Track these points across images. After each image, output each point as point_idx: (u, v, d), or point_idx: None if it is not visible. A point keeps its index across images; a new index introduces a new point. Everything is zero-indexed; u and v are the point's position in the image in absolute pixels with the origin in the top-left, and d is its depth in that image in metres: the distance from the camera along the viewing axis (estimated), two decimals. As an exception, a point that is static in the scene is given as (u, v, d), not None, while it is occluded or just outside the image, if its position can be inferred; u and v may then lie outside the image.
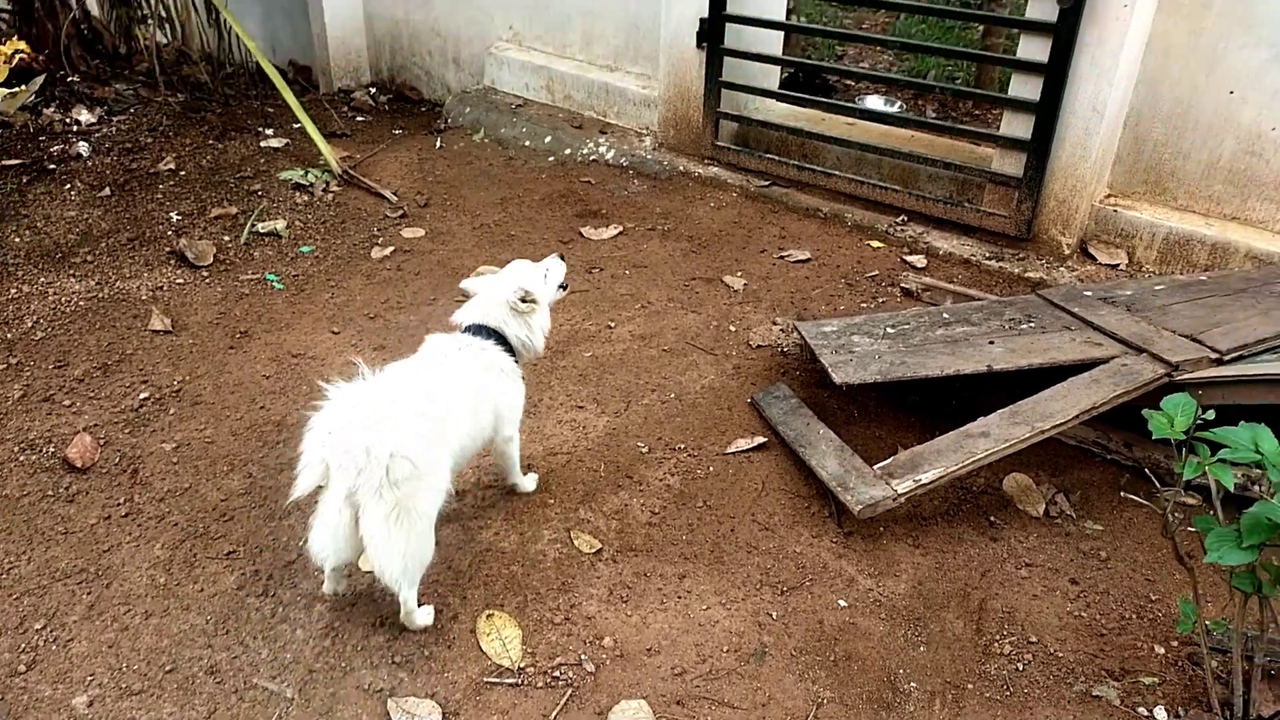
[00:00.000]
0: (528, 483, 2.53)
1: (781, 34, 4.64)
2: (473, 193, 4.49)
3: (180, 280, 3.63)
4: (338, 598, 2.23)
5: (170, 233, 3.95)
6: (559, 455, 2.69)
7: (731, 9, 4.17)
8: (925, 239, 3.84)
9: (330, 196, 4.40)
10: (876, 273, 3.67)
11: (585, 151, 4.84)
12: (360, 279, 3.69)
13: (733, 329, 3.35)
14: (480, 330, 2.28)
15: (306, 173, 4.54)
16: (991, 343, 2.70)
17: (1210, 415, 1.56)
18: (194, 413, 2.91)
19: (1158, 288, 3.01)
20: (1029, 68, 3.44)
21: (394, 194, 4.40)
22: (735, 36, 4.25)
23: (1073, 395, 2.40)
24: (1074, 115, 3.41)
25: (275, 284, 3.63)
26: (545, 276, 2.42)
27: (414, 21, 6.00)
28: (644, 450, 2.71)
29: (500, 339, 2.29)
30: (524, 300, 2.29)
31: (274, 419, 2.88)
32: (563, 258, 2.51)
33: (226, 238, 3.94)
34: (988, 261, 3.67)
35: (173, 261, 3.74)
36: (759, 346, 3.25)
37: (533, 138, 5.04)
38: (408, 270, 3.76)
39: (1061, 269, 3.59)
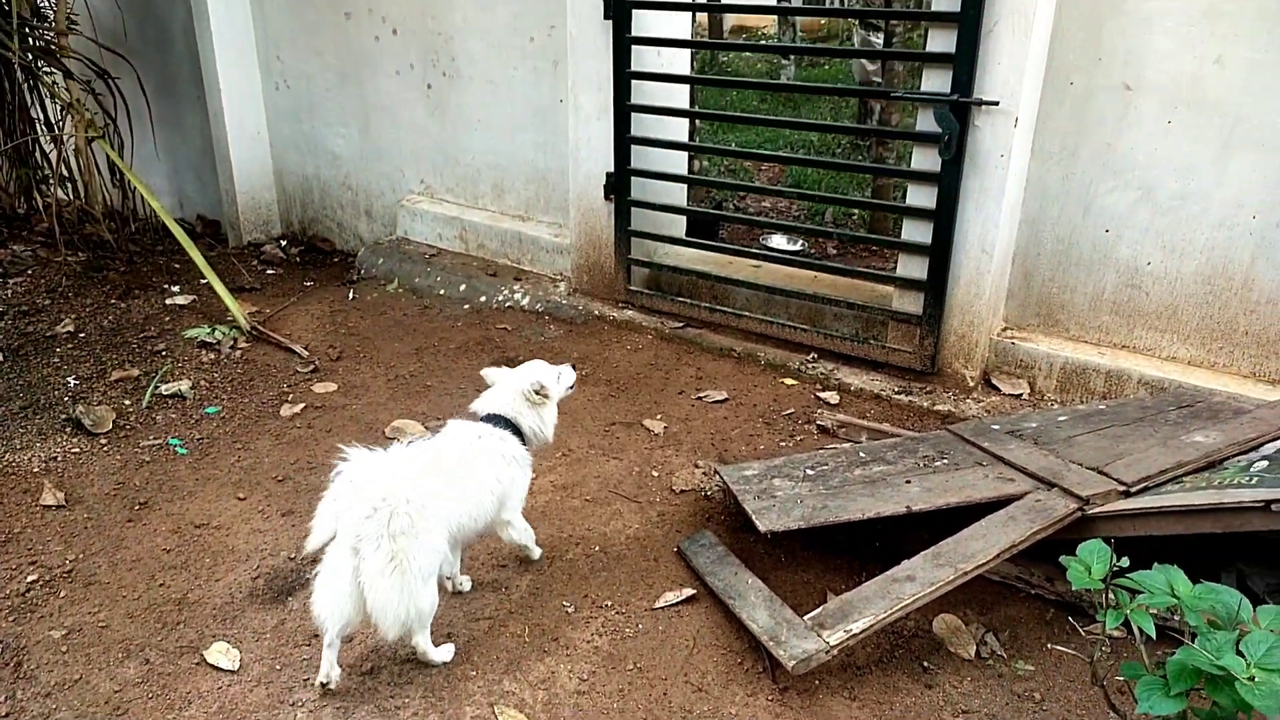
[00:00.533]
0: (535, 552, 2.78)
1: (685, 185, 4.84)
2: (387, 344, 4.45)
3: (76, 449, 3.46)
4: (327, 688, 2.28)
5: (67, 399, 3.79)
6: (481, 621, 2.58)
7: (636, 164, 4.34)
8: (836, 375, 3.93)
9: (238, 354, 4.31)
10: (792, 410, 3.73)
11: (500, 298, 4.88)
12: (269, 439, 3.57)
13: (655, 474, 3.33)
14: (497, 419, 2.53)
15: (213, 330, 4.44)
16: (908, 481, 2.74)
17: (1125, 562, 1.59)
18: (87, 594, 2.72)
19: (1061, 419, 3.12)
20: (919, 213, 3.64)
21: (305, 348, 4.33)
22: (641, 188, 4.41)
23: (992, 534, 2.44)
24: (966, 256, 3.60)
25: (178, 449, 3.48)
26: (559, 377, 2.71)
27: (324, 177, 6.07)
28: (570, 610, 2.63)
29: (514, 429, 2.54)
30: (538, 393, 2.56)
31: (174, 597, 2.71)
32: (574, 367, 2.82)
33: (127, 401, 3.79)
34: (897, 396, 3.77)
35: (68, 430, 3.57)
36: (683, 491, 3.23)
37: (447, 286, 5.06)
38: (319, 427, 3.66)
39: (968, 400, 3.71)
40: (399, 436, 3.53)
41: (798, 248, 5.94)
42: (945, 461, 2.86)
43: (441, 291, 5.06)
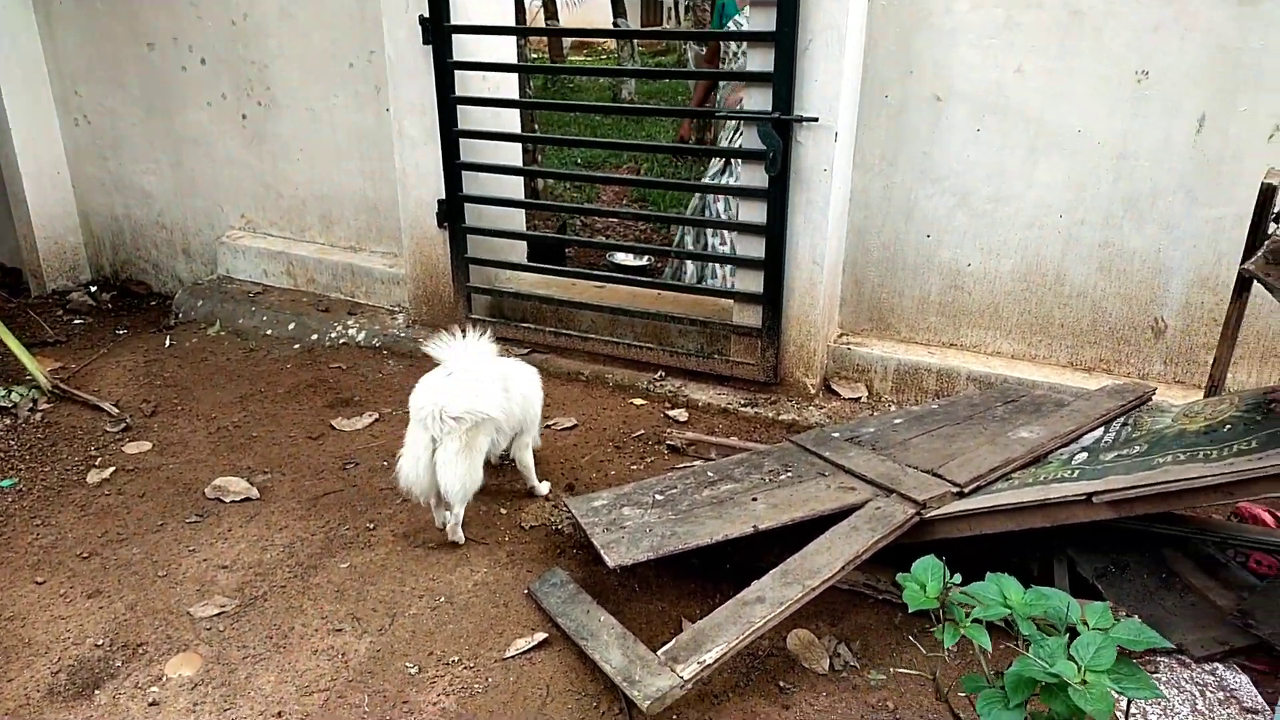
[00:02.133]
0: (543, 487, 3.29)
1: (523, 210, 4.74)
2: (208, 393, 4.15)
3: None
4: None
5: None
6: (315, 694, 2.39)
7: (469, 190, 4.21)
8: (684, 392, 3.91)
9: (39, 416, 3.91)
10: (642, 432, 3.68)
11: (334, 335, 4.63)
12: (73, 511, 3.24)
13: (504, 512, 3.20)
14: None
15: (9, 392, 4.02)
16: (755, 499, 2.72)
17: (958, 578, 1.59)
18: None
19: (896, 422, 3.18)
20: (752, 229, 3.67)
21: (115, 405, 3.98)
22: (477, 215, 4.28)
23: (836, 547, 2.44)
24: (798, 268, 3.64)
25: (-36, 531, 3.11)
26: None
27: (136, 216, 5.65)
28: (414, 671, 2.47)
29: None
30: None
31: (-43, 705, 2.39)
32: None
33: (-99, 482, 3.37)
34: (744, 409, 3.78)
35: None
36: (532, 528, 3.11)
37: (275, 326, 4.78)
38: (131, 493, 3.35)
39: (810, 408, 3.76)
40: (220, 497, 3.27)
41: (643, 263, 5.93)
42: (790, 475, 2.86)
43: (269, 332, 4.77)
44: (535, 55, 17.68)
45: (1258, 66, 3.06)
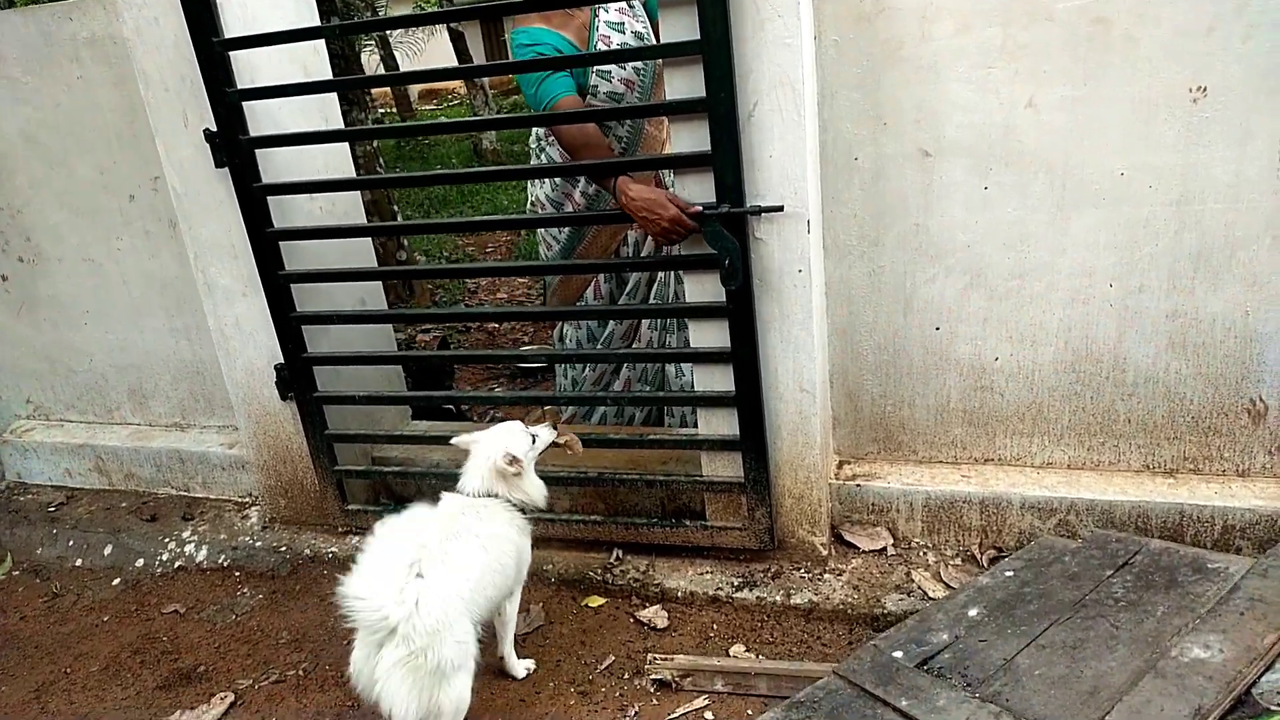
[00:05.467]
0: (519, 667, 2.60)
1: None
2: (-9, 692, 2.93)
3: None
4: None
5: None
6: None
7: (316, 346, 3.12)
8: (654, 578, 2.92)
9: None
10: (612, 659, 2.67)
11: (165, 558, 3.46)
12: None
13: None
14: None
15: None
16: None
17: None
18: None
19: (972, 614, 2.28)
20: (714, 358, 2.71)
21: None
22: (333, 376, 3.19)
23: None
24: (782, 401, 2.71)
25: None
26: (534, 440, 2.49)
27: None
28: None
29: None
30: (510, 464, 2.39)
31: None
32: (555, 427, 2.62)
33: None
34: (740, 594, 2.81)
35: None
36: None
37: (85, 552, 3.57)
38: None
39: (826, 576, 2.83)
40: None
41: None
42: (864, 761, 1.91)
43: (78, 562, 3.56)
44: (384, 111, 16.44)
45: (1349, 63, 2.29)
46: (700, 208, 2.49)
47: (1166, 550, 2.32)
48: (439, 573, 2.12)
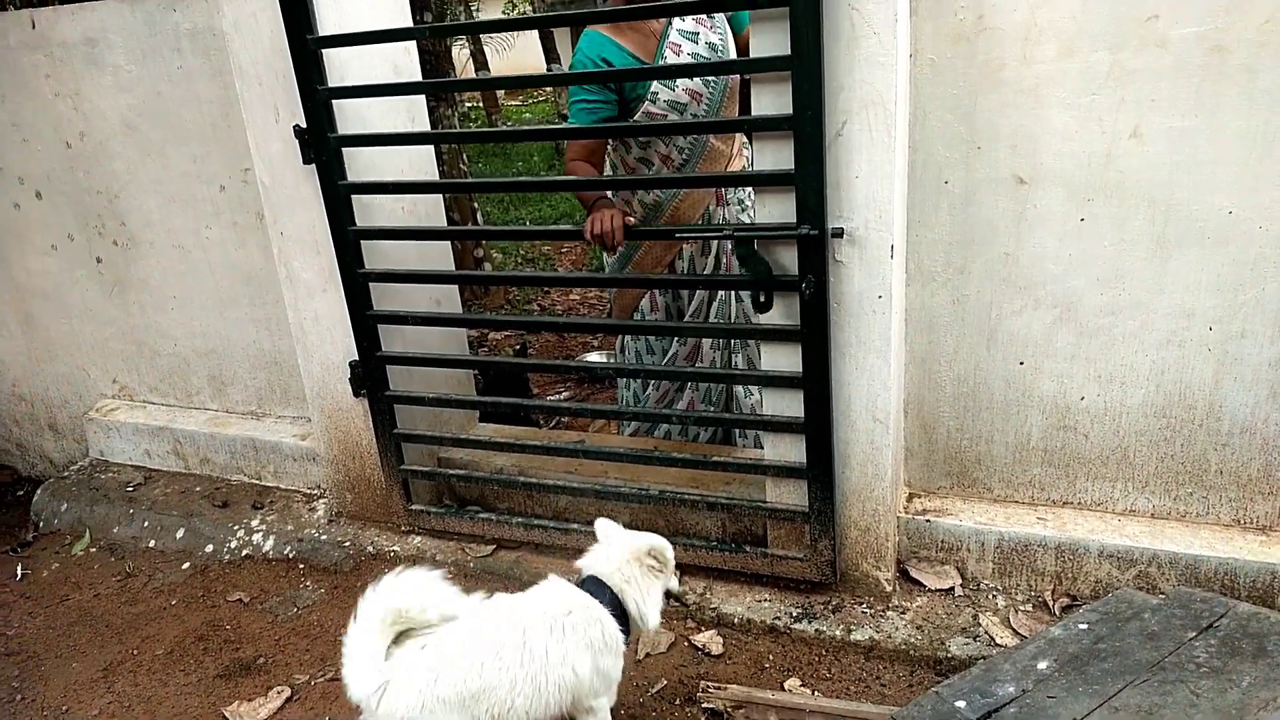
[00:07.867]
0: None
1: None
2: (61, 664, 3.03)
3: None
4: None
5: None
6: None
7: (390, 345, 3.15)
8: (711, 602, 2.87)
9: None
10: (664, 683, 2.63)
11: (234, 545, 3.53)
12: None
13: None
14: (597, 587, 2.10)
15: None
16: None
17: None
18: None
19: (1042, 668, 2.16)
20: (784, 382, 2.65)
21: (-79, 711, 2.84)
22: (404, 376, 3.22)
23: None
24: (854, 430, 2.63)
25: None
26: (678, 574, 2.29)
27: (-24, 394, 4.52)
28: None
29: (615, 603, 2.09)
30: (655, 557, 2.16)
31: None
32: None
33: None
34: (798, 625, 2.74)
35: None
36: None
37: (159, 534, 3.67)
38: None
39: (889, 614, 2.73)
40: None
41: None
42: (922, 818, 1.83)
43: (151, 543, 3.65)
44: (470, 105, 16.67)
45: None
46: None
47: (1255, 615, 2.17)
48: (431, 662, 1.88)
